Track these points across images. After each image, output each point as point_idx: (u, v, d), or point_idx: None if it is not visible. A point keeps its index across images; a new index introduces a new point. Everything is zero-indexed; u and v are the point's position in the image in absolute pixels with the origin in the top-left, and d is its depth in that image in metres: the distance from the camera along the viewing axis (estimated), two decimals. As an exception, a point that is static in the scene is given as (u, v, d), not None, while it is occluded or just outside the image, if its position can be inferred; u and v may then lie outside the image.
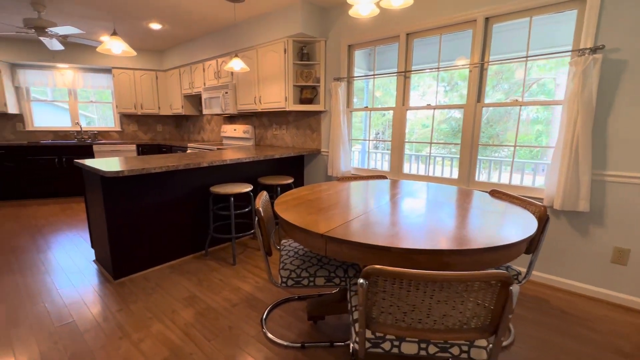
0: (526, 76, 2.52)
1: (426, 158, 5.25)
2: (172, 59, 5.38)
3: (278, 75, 3.61)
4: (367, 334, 1.13)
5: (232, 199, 2.69)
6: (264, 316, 1.99)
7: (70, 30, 3.39)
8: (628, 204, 2.07)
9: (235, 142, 4.82)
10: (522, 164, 4.48)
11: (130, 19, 3.92)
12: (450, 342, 1.12)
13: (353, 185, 2.29)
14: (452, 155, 5.00)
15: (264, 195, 1.76)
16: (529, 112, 4.25)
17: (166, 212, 2.67)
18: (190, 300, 2.17)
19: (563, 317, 2.02)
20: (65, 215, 4.16)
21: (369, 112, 3.58)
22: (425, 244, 1.17)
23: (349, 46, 3.39)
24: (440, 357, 1.16)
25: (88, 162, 2.39)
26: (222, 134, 5.02)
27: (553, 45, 2.41)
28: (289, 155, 3.44)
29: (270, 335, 1.82)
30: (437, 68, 2.86)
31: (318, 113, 3.76)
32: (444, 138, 5.05)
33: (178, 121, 6.42)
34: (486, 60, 2.54)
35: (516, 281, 1.62)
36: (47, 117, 5.50)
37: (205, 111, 4.73)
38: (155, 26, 4.17)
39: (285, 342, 1.76)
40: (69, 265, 2.69)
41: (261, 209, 1.56)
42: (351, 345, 1.55)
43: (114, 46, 2.56)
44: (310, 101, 3.68)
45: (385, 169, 3.47)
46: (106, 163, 2.40)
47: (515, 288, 0.92)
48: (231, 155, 3.03)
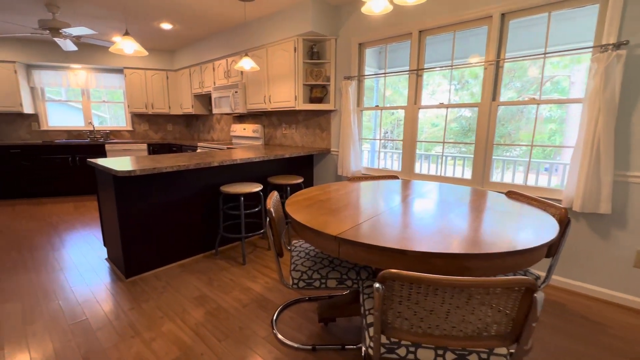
0: (542, 74, 2.44)
1: (437, 158, 5.17)
2: (183, 59, 5.41)
3: (288, 74, 3.59)
4: (382, 339, 1.10)
5: (242, 199, 2.68)
6: (275, 317, 1.98)
7: (83, 31, 3.44)
8: (652, 206, 1.99)
9: (244, 142, 4.83)
10: (537, 164, 4.37)
11: (141, 20, 3.95)
12: (468, 350, 1.08)
13: (364, 185, 2.26)
14: (463, 154, 4.91)
15: (275, 195, 1.73)
16: (542, 111, 4.14)
17: (176, 212, 2.68)
18: (200, 299, 2.17)
19: (583, 324, 1.94)
20: (78, 213, 4.23)
21: (379, 112, 3.53)
22: (442, 247, 1.14)
23: (360, 44, 3.35)
24: (457, 365, 1.12)
25: (100, 162, 2.41)
26: (232, 133, 5.03)
27: (567, 42, 2.33)
28: (299, 154, 3.42)
29: (280, 336, 1.80)
30: (451, 66, 2.80)
31: (328, 112, 3.73)
32: (454, 137, 4.96)
33: (188, 120, 6.47)
34: (502, 57, 2.47)
35: (535, 286, 1.56)
36: (61, 117, 5.60)
37: (215, 110, 4.75)
38: (166, 26, 4.19)
39: (296, 344, 1.74)
40: (82, 263, 2.72)
41: (272, 210, 1.54)
42: (363, 349, 1.52)
43: (127, 46, 2.58)
44: (320, 100, 3.65)
45: (394, 169, 3.42)
46: (118, 162, 2.41)
47: (540, 295, 0.88)
48: (241, 154, 3.02)
